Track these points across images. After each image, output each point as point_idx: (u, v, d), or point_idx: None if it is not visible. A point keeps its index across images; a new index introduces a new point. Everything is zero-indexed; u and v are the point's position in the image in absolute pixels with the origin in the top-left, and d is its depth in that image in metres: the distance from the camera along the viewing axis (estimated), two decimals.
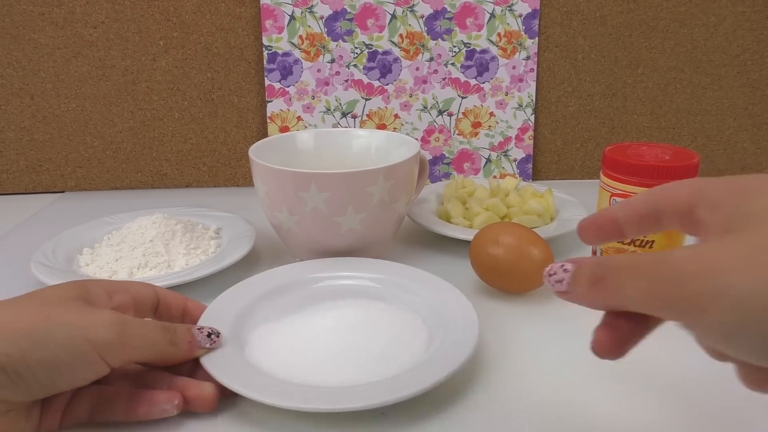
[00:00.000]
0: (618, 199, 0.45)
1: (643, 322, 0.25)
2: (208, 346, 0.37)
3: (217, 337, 0.38)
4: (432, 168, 0.79)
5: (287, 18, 0.73)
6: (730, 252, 0.21)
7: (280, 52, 0.74)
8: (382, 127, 0.77)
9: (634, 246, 0.45)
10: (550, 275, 0.26)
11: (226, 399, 0.37)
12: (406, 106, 0.77)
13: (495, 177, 0.79)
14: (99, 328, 0.30)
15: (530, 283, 0.48)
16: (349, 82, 0.75)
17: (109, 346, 0.30)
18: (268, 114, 0.76)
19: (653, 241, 0.43)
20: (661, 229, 0.27)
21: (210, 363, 0.37)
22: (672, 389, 0.38)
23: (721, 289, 0.20)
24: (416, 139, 0.76)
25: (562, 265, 0.26)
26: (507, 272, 0.47)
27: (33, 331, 0.29)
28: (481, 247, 0.48)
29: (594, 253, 0.50)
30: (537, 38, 0.75)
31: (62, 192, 0.79)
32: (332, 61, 0.75)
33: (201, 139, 0.77)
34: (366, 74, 0.75)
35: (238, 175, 0.80)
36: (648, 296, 0.22)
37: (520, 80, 0.76)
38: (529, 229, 0.49)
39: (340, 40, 0.74)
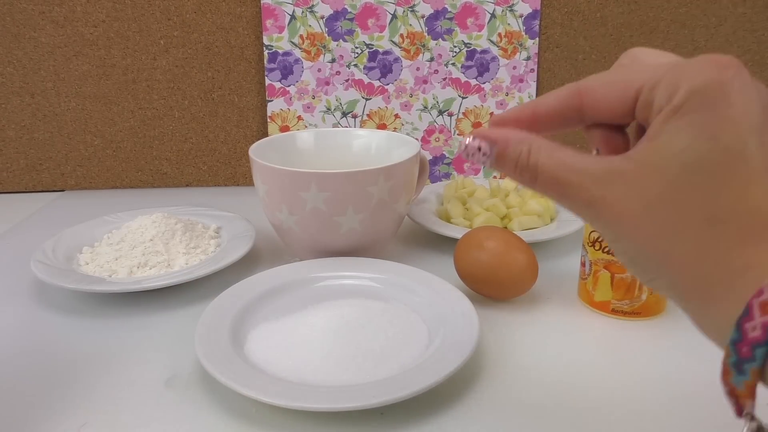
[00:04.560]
0: None
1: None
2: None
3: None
4: (432, 168, 0.79)
5: (288, 17, 0.73)
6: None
7: (280, 51, 0.74)
8: (382, 127, 0.77)
9: (611, 255, 0.45)
10: (465, 150, 0.27)
11: (226, 398, 0.37)
12: (406, 106, 0.77)
13: (495, 177, 0.79)
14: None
15: (511, 291, 0.47)
16: (350, 81, 0.75)
17: None
18: (269, 113, 0.76)
19: None
20: (583, 124, 0.27)
21: (210, 362, 0.37)
22: (670, 389, 0.38)
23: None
24: (416, 139, 0.76)
25: (479, 146, 0.27)
26: (488, 280, 0.47)
27: None
28: (462, 256, 0.48)
29: (583, 264, 0.48)
30: (537, 39, 0.75)
31: (62, 191, 0.79)
32: (333, 60, 0.75)
33: (201, 139, 0.77)
34: (366, 74, 0.75)
35: (238, 175, 0.80)
36: (560, 200, 0.26)
37: (521, 81, 0.76)
38: (511, 234, 0.48)
39: (341, 40, 0.74)
